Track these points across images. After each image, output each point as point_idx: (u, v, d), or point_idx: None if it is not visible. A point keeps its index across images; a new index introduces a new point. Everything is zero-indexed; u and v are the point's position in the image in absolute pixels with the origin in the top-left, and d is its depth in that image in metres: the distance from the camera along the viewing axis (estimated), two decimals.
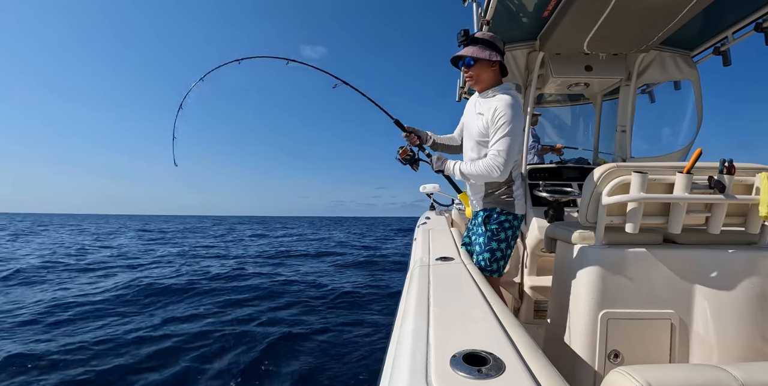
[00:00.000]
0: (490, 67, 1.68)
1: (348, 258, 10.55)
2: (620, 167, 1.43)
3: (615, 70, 2.70)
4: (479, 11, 2.30)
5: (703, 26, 2.48)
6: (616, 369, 0.96)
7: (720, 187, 1.34)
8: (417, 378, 0.62)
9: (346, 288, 6.16)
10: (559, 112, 4.25)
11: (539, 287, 2.55)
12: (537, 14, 2.34)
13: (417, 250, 1.85)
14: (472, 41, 1.66)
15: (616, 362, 1.41)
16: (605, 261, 1.43)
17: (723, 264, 1.42)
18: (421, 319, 0.87)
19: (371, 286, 6.53)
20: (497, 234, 1.77)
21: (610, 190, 1.41)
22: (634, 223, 1.41)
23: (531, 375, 0.62)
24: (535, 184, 2.72)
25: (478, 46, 1.65)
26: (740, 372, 0.91)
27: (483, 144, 1.73)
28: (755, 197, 1.37)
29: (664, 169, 1.41)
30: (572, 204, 2.56)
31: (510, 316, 0.90)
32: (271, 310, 4.92)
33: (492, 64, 1.67)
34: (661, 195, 1.39)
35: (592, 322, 1.42)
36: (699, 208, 1.45)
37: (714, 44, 2.60)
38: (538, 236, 2.46)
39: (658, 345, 1.41)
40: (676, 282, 1.42)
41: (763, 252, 1.44)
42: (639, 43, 2.45)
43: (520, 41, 2.70)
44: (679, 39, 2.58)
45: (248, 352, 3.44)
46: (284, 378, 2.96)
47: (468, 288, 1.13)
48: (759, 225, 1.45)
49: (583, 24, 2.20)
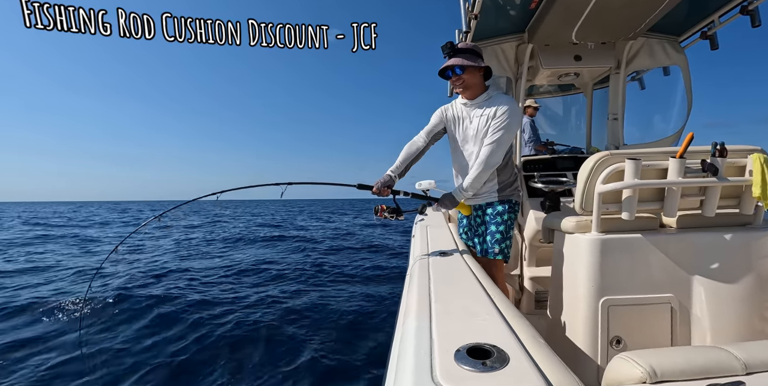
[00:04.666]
0: (478, 73, 1.77)
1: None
2: (614, 155, 1.44)
3: (604, 59, 2.71)
4: (467, 6, 2.29)
5: (689, 11, 2.48)
6: (619, 355, 0.97)
7: (713, 170, 1.35)
8: (422, 375, 0.62)
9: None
10: (550, 103, 4.26)
11: (539, 278, 2.56)
12: (524, 6, 2.34)
13: (416, 247, 1.85)
14: (457, 51, 1.75)
15: (618, 348, 1.42)
16: (603, 249, 1.44)
17: (719, 246, 1.43)
18: (424, 315, 0.87)
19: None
20: (512, 222, 1.89)
21: (604, 177, 1.42)
22: (629, 210, 1.42)
23: (535, 365, 0.63)
24: (530, 176, 2.73)
25: (464, 56, 1.74)
26: (741, 351, 0.92)
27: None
28: (748, 178, 1.38)
29: (657, 155, 1.42)
30: (568, 194, 2.58)
31: (511, 308, 0.91)
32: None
33: (480, 70, 1.77)
34: (655, 181, 1.40)
35: (593, 310, 1.43)
36: (693, 192, 1.46)
37: (701, 28, 2.61)
38: (535, 227, 2.47)
39: (659, 329, 1.43)
40: (673, 266, 1.44)
41: (758, 233, 1.45)
42: (627, 31, 2.46)
43: (508, 34, 2.70)
44: (666, 25, 2.59)
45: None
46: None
47: (468, 283, 1.13)
48: (753, 206, 1.47)
49: (571, 14, 2.20)
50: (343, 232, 13.82)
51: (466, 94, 1.81)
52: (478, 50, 1.79)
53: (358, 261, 7.80)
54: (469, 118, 1.82)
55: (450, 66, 1.74)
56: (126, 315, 4.33)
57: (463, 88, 1.78)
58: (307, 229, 15.27)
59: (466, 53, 1.74)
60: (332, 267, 7.14)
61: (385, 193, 1.79)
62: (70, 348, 3.46)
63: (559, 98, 4.14)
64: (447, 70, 1.77)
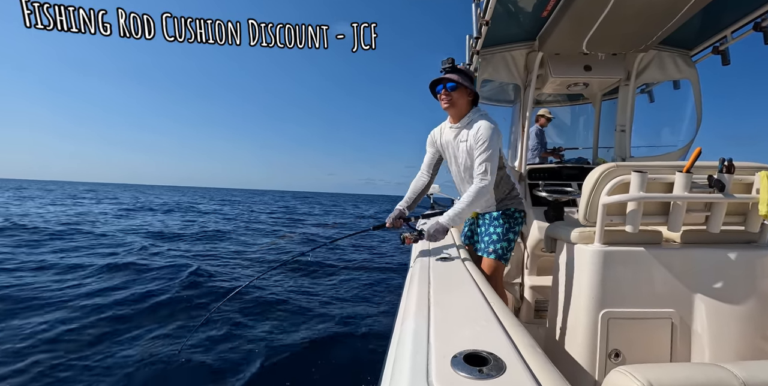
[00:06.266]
0: (467, 96, 1.84)
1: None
2: (620, 167, 1.43)
3: (614, 70, 2.70)
4: (478, 12, 2.30)
5: (701, 26, 2.48)
6: (617, 368, 0.96)
7: (719, 186, 1.34)
8: (418, 379, 0.62)
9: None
10: (558, 112, 4.26)
11: (539, 287, 2.55)
12: (536, 14, 2.34)
13: (417, 250, 1.85)
14: (454, 70, 1.83)
15: (616, 361, 1.41)
16: (605, 261, 1.43)
17: (723, 263, 1.42)
18: (422, 319, 0.87)
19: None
20: (513, 227, 1.93)
21: (609, 189, 1.41)
22: (633, 223, 1.41)
23: (532, 375, 0.62)
24: (534, 184, 2.72)
25: (461, 75, 1.82)
26: (741, 370, 0.90)
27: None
28: (755, 196, 1.37)
29: (664, 169, 1.41)
30: (572, 204, 2.57)
31: (510, 316, 0.90)
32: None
33: (469, 94, 1.85)
34: (660, 195, 1.39)
35: (593, 322, 1.42)
36: (699, 207, 1.45)
37: (713, 43, 2.60)
38: (538, 236, 2.46)
39: (659, 344, 1.41)
40: (676, 281, 1.42)
41: (763, 251, 1.44)
42: (638, 43, 2.46)
43: (519, 41, 2.71)
44: (678, 38, 2.58)
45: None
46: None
47: (468, 289, 1.13)
48: (759, 224, 1.45)
49: (582, 24, 2.20)
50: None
51: (451, 112, 1.88)
52: (472, 75, 1.89)
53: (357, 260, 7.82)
54: (456, 143, 1.90)
55: (444, 79, 1.81)
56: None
57: (449, 104, 1.84)
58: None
59: (462, 74, 1.83)
60: (331, 265, 7.17)
61: (398, 224, 1.95)
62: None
63: (567, 108, 4.14)
64: (438, 85, 1.84)
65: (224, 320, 4.02)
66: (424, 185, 2.09)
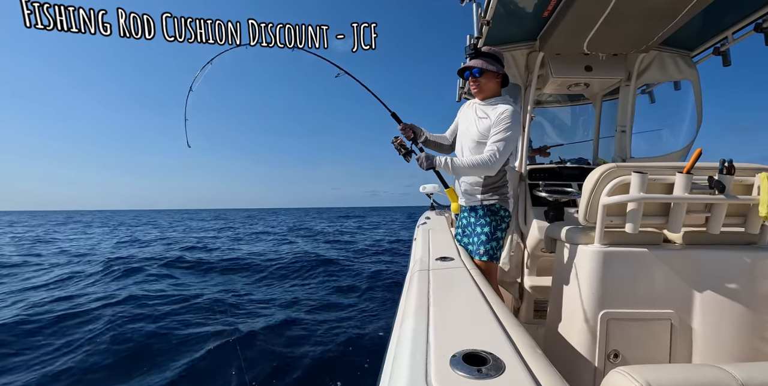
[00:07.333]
0: (495, 79, 1.85)
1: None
2: (620, 167, 1.43)
3: (615, 71, 2.70)
4: (479, 11, 2.30)
5: (702, 26, 2.48)
6: (616, 369, 0.96)
7: (720, 187, 1.34)
8: (417, 378, 0.62)
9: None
10: (558, 112, 4.25)
11: (539, 287, 2.55)
12: (537, 14, 2.34)
13: (417, 250, 1.85)
14: (480, 54, 1.82)
15: (615, 362, 1.41)
16: (605, 261, 1.43)
17: (723, 264, 1.42)
18: (421, 319, 0.87)
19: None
20: (500, 225, 1.93)
21: (609, 190, 1.41)
22: (633, 223, 1.41)
23: (531, 375, 0.62)
24: (534, 184, 2.72)
25: (485, 59, 1.81)
26: (740, 371, 0.91)
27: (483, 144, 1.85)
28: (755, 197, 1.37)
29: (664, 169, 1.41)
30: (572, 204, 2.56)
31: (510, 316, 0.90)
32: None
33: (497, 76, 1.85)
34: (660, 196, 1.39)
35: (592, 322, 1.42)
36: (699, 208, 1.45)
37: (714, 44, 2.60)
38: (538, 236, 2.46)
39: (658, 345, 1.41)
40: (675, 282, 1.42)
41: (763, 253, 1.44)
42: (639, 44, 2.45)
43: (519, 41, 2.70)
44: (679, 39, 2.58)
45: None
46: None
47: (468, 289, 1.13)
48: (759, 225, 1.45)
49: (583, 24, 2.20)
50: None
51: (480, 96, 1.89)
52: (499, 56, 1.86)
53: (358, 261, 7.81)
54: (475, 117, 1.89)
55: (469, 67, 1.81)
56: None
57: (478, 90, 1.86)
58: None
59: (488, 57, 1.81)
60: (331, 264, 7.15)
61: (408, 133, 2.03)
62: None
63: (567, 108, 4.13)
64: (465, 71, 1.85)
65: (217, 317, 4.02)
66: (443, 138, 2.16)
